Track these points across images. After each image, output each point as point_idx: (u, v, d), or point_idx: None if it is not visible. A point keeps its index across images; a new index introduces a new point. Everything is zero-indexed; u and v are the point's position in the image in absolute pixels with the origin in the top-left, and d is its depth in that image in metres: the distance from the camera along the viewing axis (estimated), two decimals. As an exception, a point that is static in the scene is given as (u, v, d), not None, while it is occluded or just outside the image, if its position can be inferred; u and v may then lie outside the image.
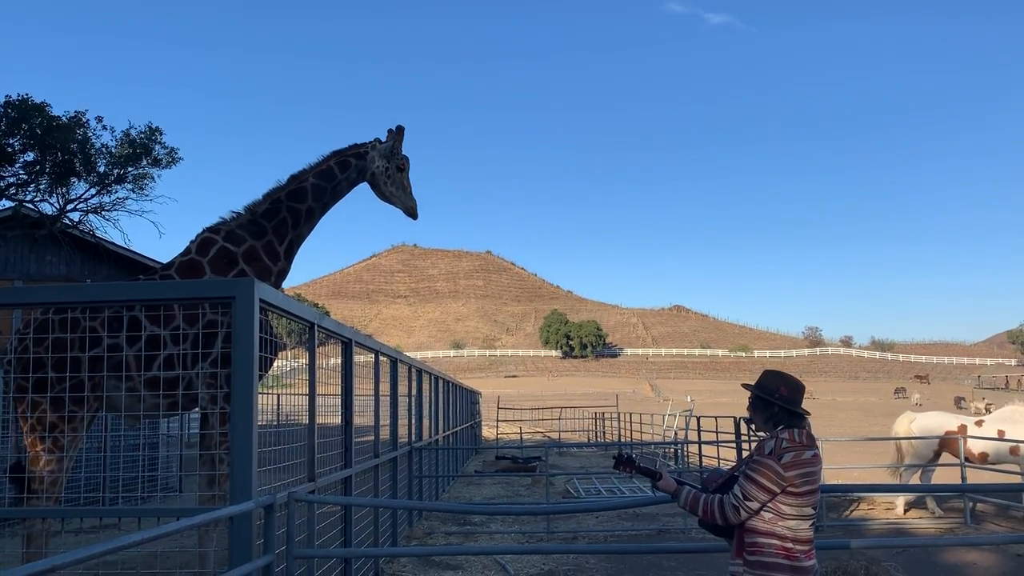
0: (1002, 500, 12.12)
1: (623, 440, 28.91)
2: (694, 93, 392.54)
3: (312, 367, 5.75)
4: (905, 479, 12.58)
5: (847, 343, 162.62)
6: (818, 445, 3.87)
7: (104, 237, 16.03)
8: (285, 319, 5.56)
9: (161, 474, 14.18)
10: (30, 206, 15.02)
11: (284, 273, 7.04)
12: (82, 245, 15.94)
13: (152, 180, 15.71)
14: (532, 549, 5.89)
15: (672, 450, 22.21)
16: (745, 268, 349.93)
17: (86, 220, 15.66)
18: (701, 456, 18.51)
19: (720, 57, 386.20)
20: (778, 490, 3.46)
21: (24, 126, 13.94)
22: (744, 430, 14.05)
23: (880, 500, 13.31)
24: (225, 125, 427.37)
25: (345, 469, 6.69)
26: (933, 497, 12.20)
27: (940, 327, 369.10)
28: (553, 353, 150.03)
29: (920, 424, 12.81)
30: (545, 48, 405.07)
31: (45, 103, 14.05)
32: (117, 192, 15.59)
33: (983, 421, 12.65)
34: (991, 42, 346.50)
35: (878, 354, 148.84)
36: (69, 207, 15.30)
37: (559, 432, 35.82)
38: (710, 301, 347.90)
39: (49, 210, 15.19)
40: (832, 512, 12.15)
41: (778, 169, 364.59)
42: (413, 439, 11.20)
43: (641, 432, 29.65)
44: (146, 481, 13.12)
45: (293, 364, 7.23)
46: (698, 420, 20.30)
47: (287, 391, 20.90)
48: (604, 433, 34.48)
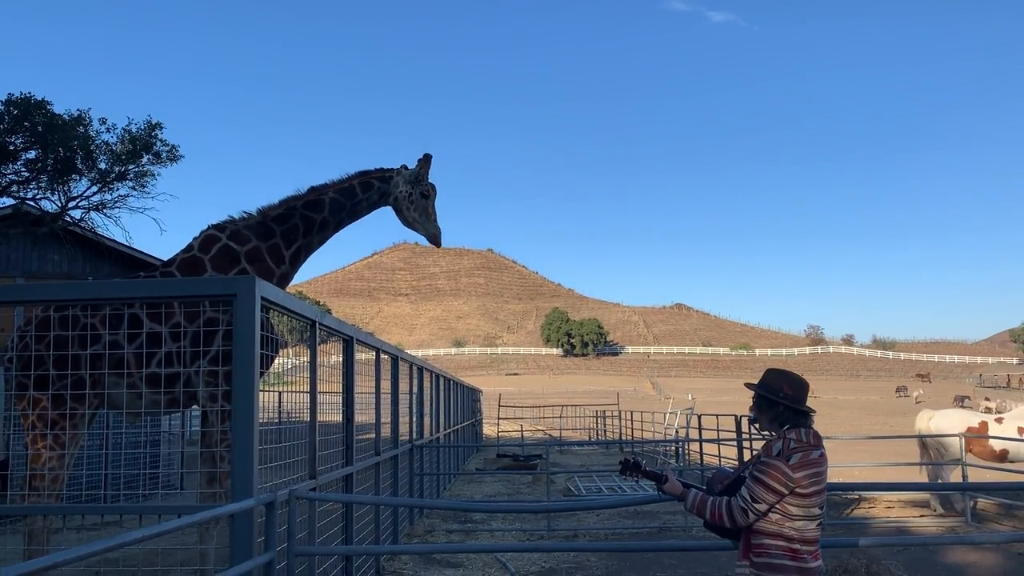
0: (1005, 500, 12.12)
1: (624, 438, 28.92)
2: (696, 90, 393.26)
3: (313, 365, 5.75)
4: (945, 478, 12.50)
5: (848, 341, 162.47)
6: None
7: (105, 234, 16.07)
8: (286, 317, 5.55)
9: (162, 471, 14.19)
10: (32, 203, 15.06)
11: (287, 277, 7.03)
12: (83, 242, 15.96)
13: (153, 177, 15.76)
14: (533, 547, 5.88)
15: (673, 448, 22.24)
16: (747, 266, 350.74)
17: (87, 217, 15.71)
18: (702, 454, 18.50)
19: (722, 55, 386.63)
20: (786, 492, 3.41)
21: (26, 124, 13.97)
22: (745, 428, 14.06)
23: (880, 499, 13.29)
24: (228, 118, 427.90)
25: (346, 467, 6.69)
26: (936, 496, 12.19)
27: (942, 326, 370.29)
28: (554, 351, 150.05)
29: (937, 422, 12.78)
30: (547, 45, 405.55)
31: (46, 101, 14.10)
32: (118, 189, 15.65)
33: (1003, 418, 12.68)
34: (996, 37, 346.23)
35: (879, 352, 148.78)
36: (70, 204, 15.33)
37: (560, 430, 35.81)
38: (711, 299, 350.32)
39: (50, 207, 15.24)
40: (833, 511, 12.14)
41: (780, 167, 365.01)
42: (414, 437, 11.20)
43: (642, 430, 29.63)
44: (147, 478, 13.13)
45: (294, 362, 7.25)
46: (699, 418, 20.34)
47: (288, 388, 20.92)
48: (605, 431, 34.53)
